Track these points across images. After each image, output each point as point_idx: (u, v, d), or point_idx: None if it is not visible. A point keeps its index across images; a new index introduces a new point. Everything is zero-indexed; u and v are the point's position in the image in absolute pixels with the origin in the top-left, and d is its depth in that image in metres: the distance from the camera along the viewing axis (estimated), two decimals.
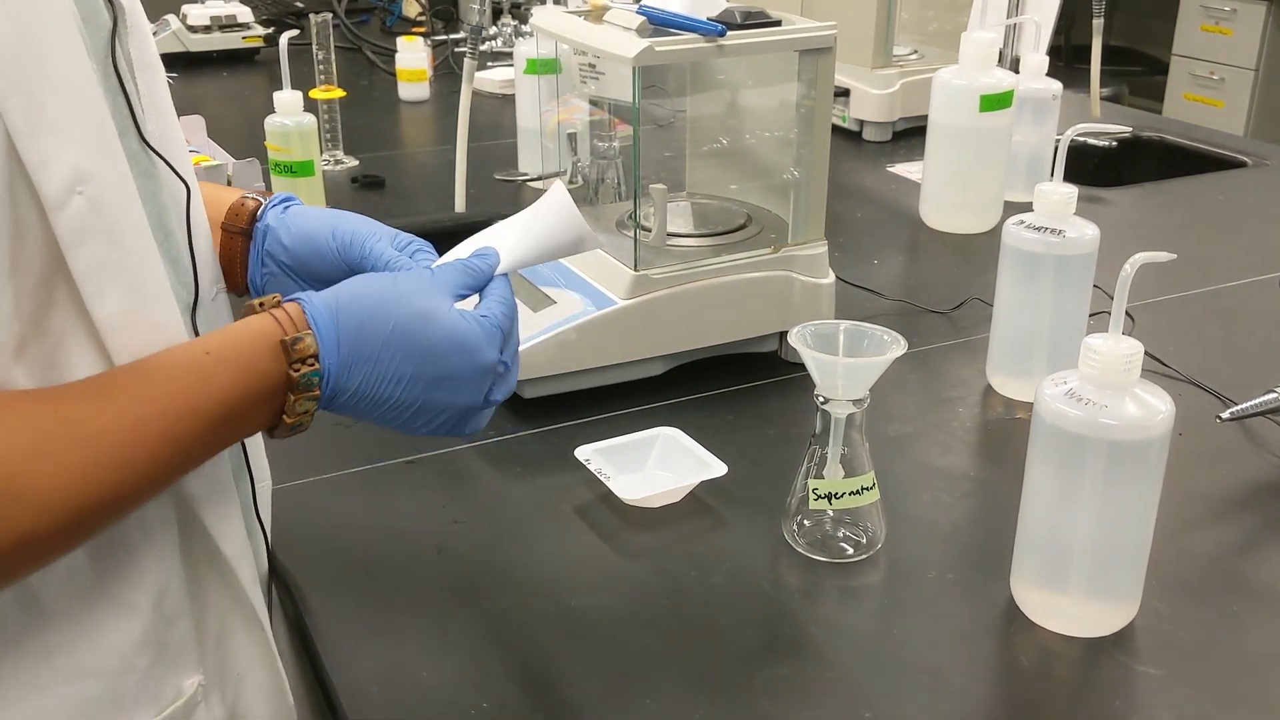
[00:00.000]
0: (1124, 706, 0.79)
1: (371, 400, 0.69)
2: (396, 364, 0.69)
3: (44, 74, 0.57)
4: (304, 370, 0.65)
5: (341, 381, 0.67)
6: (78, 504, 0.58)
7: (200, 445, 0.64)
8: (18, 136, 0.56)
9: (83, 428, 0.59)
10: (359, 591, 0.90)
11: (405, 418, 0.71)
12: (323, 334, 0.67)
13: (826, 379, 0.89)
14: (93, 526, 0.61)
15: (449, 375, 0.70)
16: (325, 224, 0.81)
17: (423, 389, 0.70)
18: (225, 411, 0.64)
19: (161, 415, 0.62)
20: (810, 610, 0.89)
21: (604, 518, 0.99)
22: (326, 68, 1.87)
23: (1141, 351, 0.79)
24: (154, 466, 0.62)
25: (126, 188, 0.63)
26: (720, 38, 1.08)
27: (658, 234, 1.20)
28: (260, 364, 0.65)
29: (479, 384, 0.72)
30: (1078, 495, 0.81)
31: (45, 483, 0.57)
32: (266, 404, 0.66)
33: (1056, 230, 1.08)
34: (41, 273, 0.59)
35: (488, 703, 0.79)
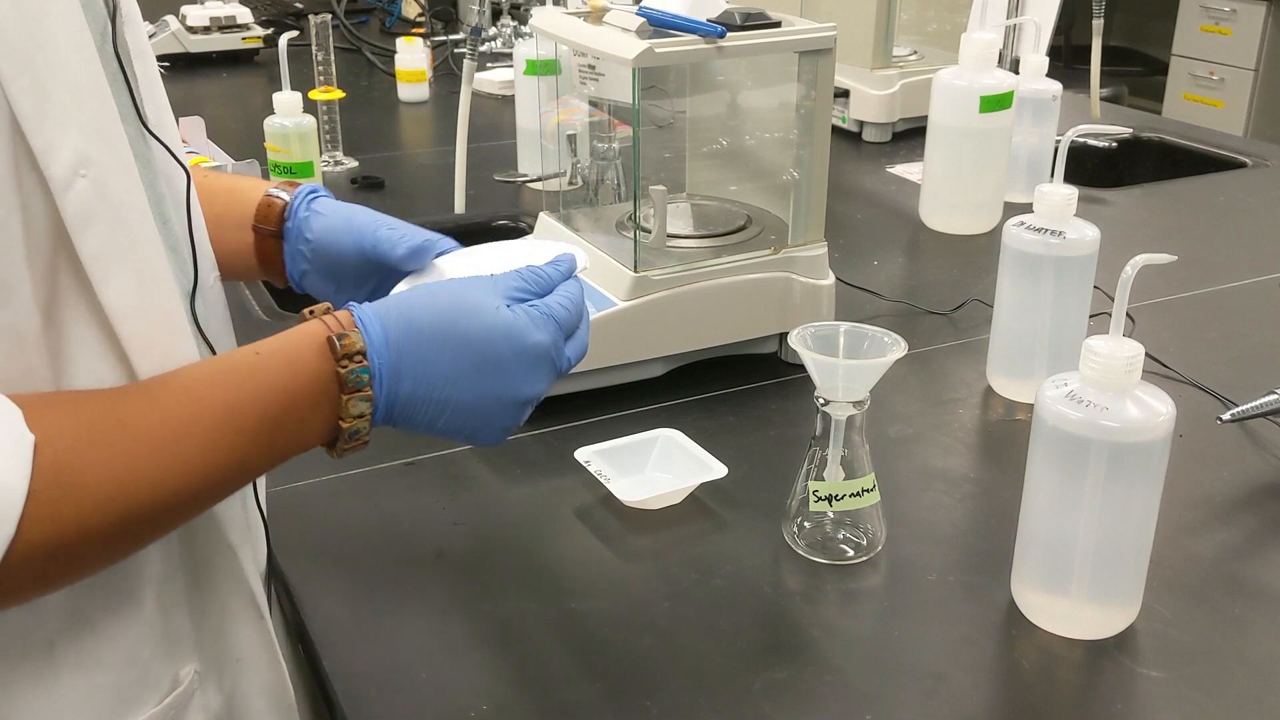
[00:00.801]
0: (1126, 709, 0.79)
1: (428, 402, 0.68)
2: (447, 358, 0.68)
3: (48, 57, 0.57)
4: (352, 367, 0.65)
5: (394, 383, 0.67)
6: (127, 500, 0.58)
7: (254, 447, 0.63)
8: (24, 119, 0.56)
9: (133, 423, 0.59)
10: (358, 594, 0.90)
11: (469, 422, 0.69)
12: (370, 332, 0.66)
13: (827, 381, 0.89)
14: (142, 527, 0.60)
15: (499, 365, 0.69)
16: (343, 216, 0.82)
17: (478, 384, 0.68)
18: (276, 411, 0.64)
19: (210, 413, 0.62)
20: (811, 613, 0.88)
21: (604, 520, 0.98)
22: (326, 69, 1.87)
23: (1143, 353, 0.79)
24: (206, 466, 0.61)
25: (129, 173, 0.63)
26: (720, 39, 1.08)
27: (657, 235, 1.20)
28: (309, 362, 0.65)
29: (534, 371, 0.70)
30: (1079, 497, 0.81)
31: (93, 474, 0.57)
32: (319, 405, 0.65)
33: (1057, 231, 1.08)
34: (49, 258, 0.59)
35: (487, 705, 0.79)
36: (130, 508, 0.58)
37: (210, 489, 0.63)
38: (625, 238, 1.20)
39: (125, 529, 0.59)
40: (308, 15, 1.95)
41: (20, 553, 0.54)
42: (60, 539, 0.56)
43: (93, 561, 0.60)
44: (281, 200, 0.85)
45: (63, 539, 0.56)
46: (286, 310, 1.40)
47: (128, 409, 0.60)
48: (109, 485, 0.57)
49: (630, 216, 1.20)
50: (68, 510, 0.56)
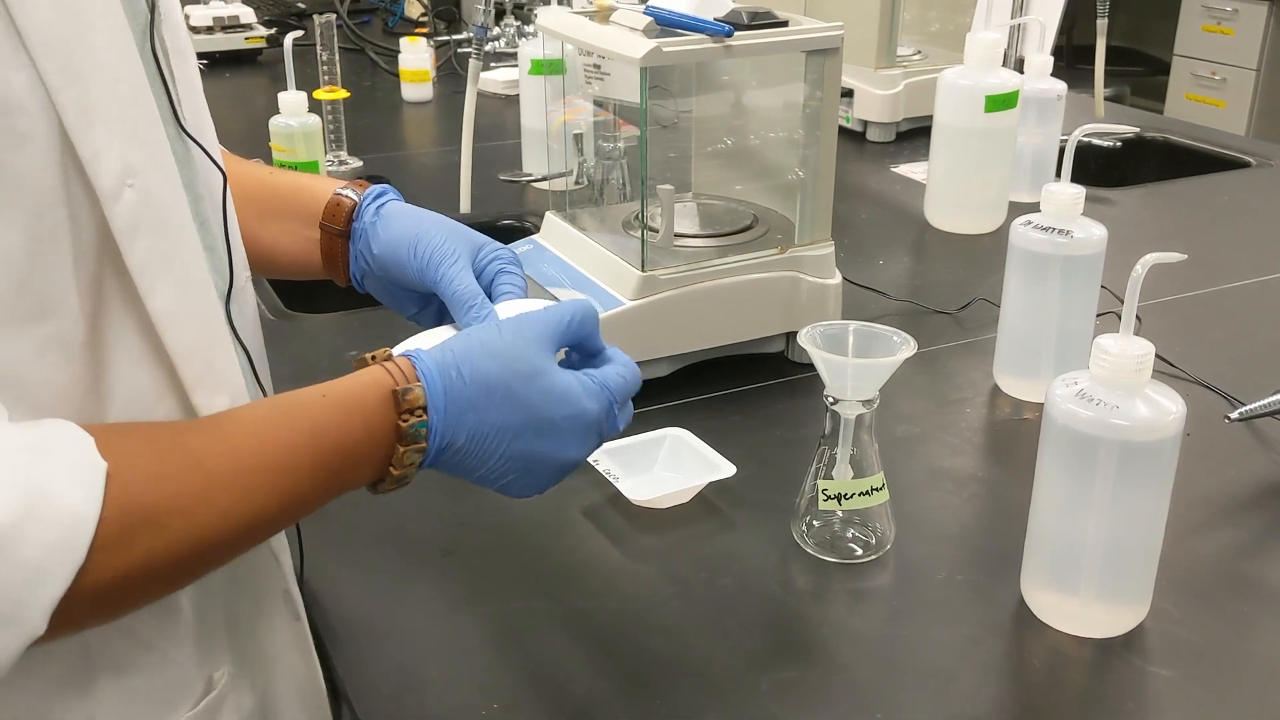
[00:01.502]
0: (1135, 708, 0.79)
1: (477, 456, 0.68)
2: (502, 416, 0.68)
3: (94, 65, 0.58)
4: (412, 421, 0.65)
5: (448, 436, 0.67)
6: (194, 531, 0.58)
7: (311, 485, 0.64)
8: (71, 129, 0.56)
9: (202, 458, 0.60)
10: (368, 594, 0.90)
11: (510, 476, 0.70)
12: (431, 387, 0.66)
13: (836, 380, 0.89)
14: (204, 559, 0.61)
15: (552, 428, 0.70)
16: (408, 238, 0.81)
17: (526, 443, 0.69)
18: (337, 452, 0.64)
19: (274, 451, 0.62)
20: (819, 612, 0.88)
21: (612, 519, 0.98)
22: (330, 68, 1.87)
23: (1153, 352, 0.79)
24: (269, 500, 0.62)
25: (171, 180, 0.63)
26: (728, 38, 1.08)
27: (664, 235, 1.20)
28: (372, 410, 0.65)
29: (583, 438, 0.71)
30: (1088, 496, 0.81)
31: (164, 506, 0.57)
32: (375, 451, 0.65)
33: (1064, 230, 1.08)
34: (95, 268, 0.59)
35: (497, 703, 0.79)
36: (197, 538, 0.59)
37: (268, 524, 0.63)
38: (632, 237, 1.20)
39: (190, 560, 0.59)
40: (311, 15, 1.95)
41: (89, 580, 0.54)
42: (129, 569, 0.56)
43: (155, 591, 0.60)
44: (350, 200, 0.85)
45: (131, 569, 0.56)
46: (293, 310, 1.40)
47: (198, 443, 0.61)
48: (178, 518, 0.58)
49: (637, 216, 1.20)
50: (138, 540, 0.56)
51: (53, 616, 0.53)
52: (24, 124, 0.54)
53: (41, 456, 0.54)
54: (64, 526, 0.53)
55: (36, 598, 0.52)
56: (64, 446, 0.55)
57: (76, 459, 0.54)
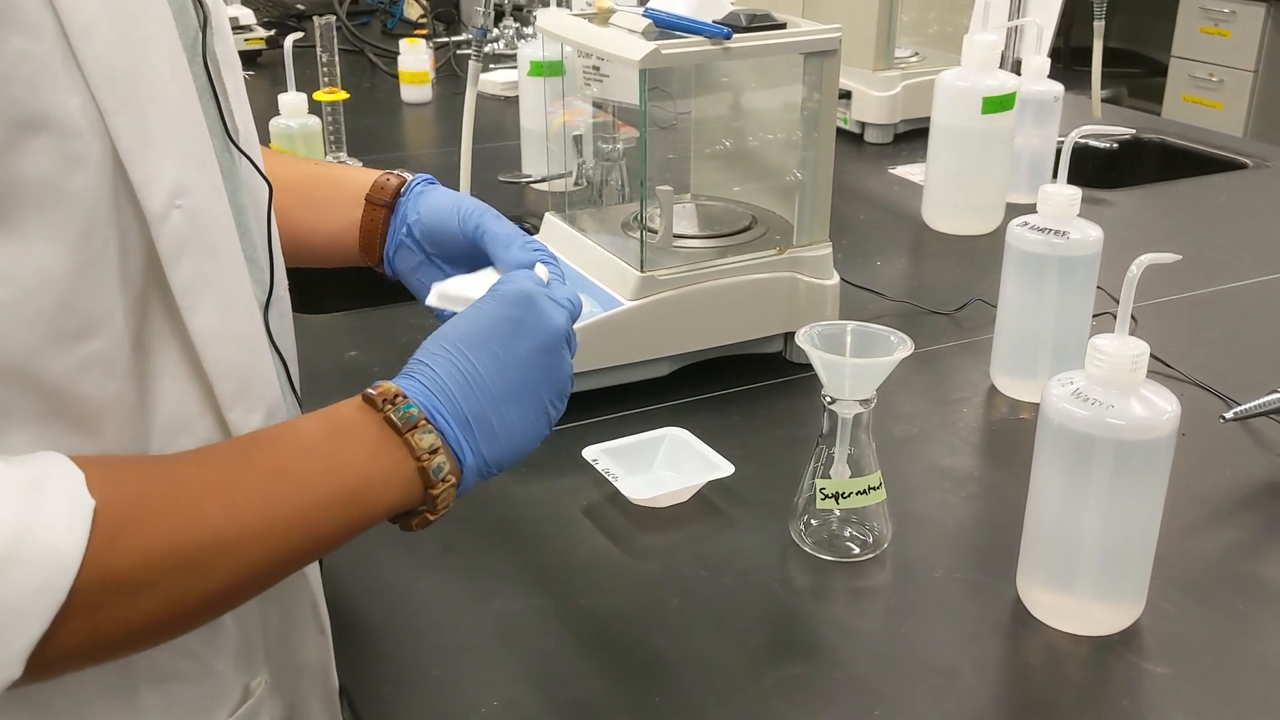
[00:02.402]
0: (1132, 705, 0.79)
1: (497, 398, 0.68)
2: (479, 353, 0.69)
3: (149, 87, 0.58)
4: (396, 406, 0.65)
5: (442, 397, 0.67)
6: (180, 550, 0.57)
7: (317, 508, 0.62)
8: (125, 153, 0.56)
9: (185, 478, 0.59)
10: (367, 592, 0.90)
11: (536, 392, 0.70)
12: (400, 380, 0.67)
13: (833, 379, 0.90)
14: (201, 586, 0.59)
15: (516, 324, 0.71)
16: (452, 202, 0.85)
17: (519, 344, 0.70)
18: (323, 459, 0.63)
19: (255, 464, 0.61)
20: (819, 610, 0.89)
21: (612, 518, 0.99)
22: (330, 70, 1.87)
23: (1148, 352, 0.80)
24: (263, 519, 0.60)
25: (219, 198, 0.63)
26: (726, 40, 1.08)
27: (663, 235, 1.20)
28: (348, 416, 0.65)
29: (537, 308, 0.72)
30: (1084, 495, 0.81)
31: (143, 527, 0.56)
32: (378, 454, 0.64)
33: (1061, 232, 1.08)
34: (141, 287, 0.60)
35: (498, 701, 0.79)
36: (182, 558, 0.57)
37: (275, 549, 0.61)
38: (631, 238, 1.21)
39: (174, 587, 0.57)
40: (310, 17, 1.95)
41: (69, 624, 0.52)
42: (105, 597, 0.54)
43: (147, 632, 0.58)
44: (400, 179, 0.88)
45: (107, 597, 0.54)
46: (296, 311, 1.40)
47: (180, 465, 0.61)
48: (156, 538, 0.56)
49: (636, 217, 1.20)
50: (116, 567, 0.54)
51: (30, 660, 0.52)
52: (78, 147, 0.55)
53: (31, 494, 0.53)
54: (49, 569, 0.52)
55: (13, 640, 0.51)
56: (54, 485, 0.54)
57: (66, 497, 0.53)
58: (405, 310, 1.38)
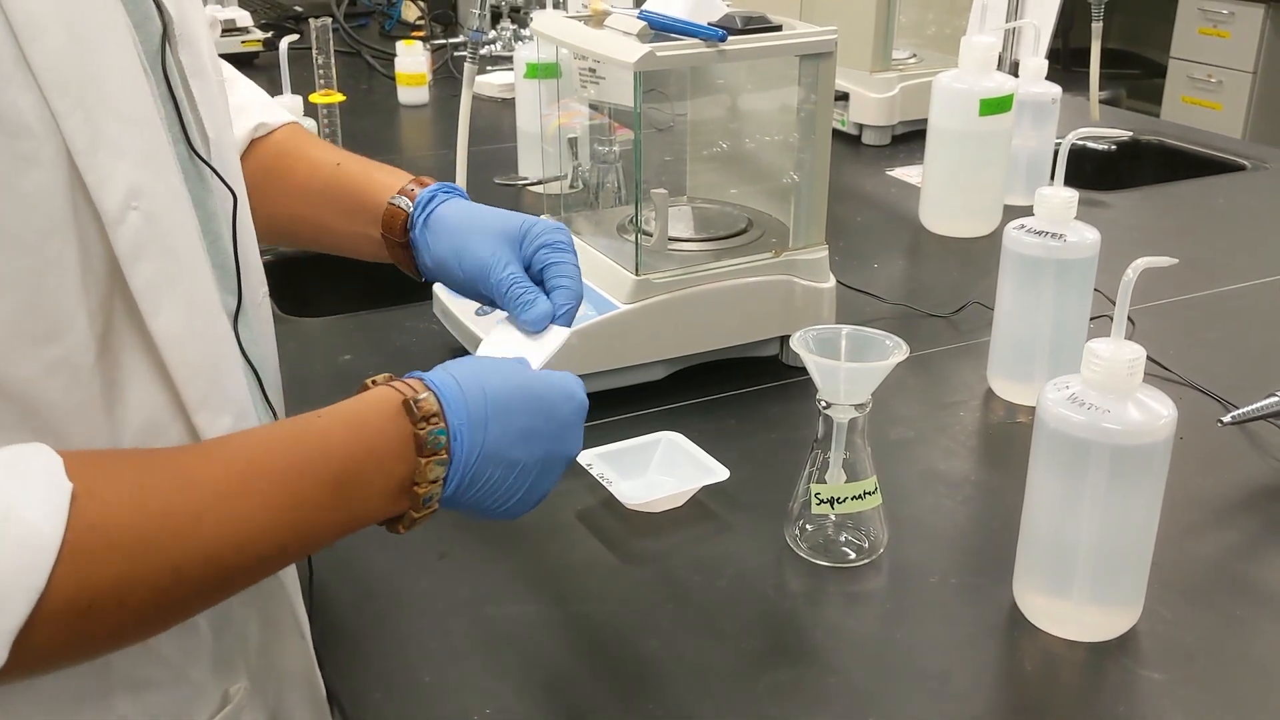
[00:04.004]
0: (1128, 711, 0.79)
1: (502, 463, 0.67)
2: (521, 417, 0.68)
3: (100, 89, 0.57)
4: (429, 427, 0.64)
5: (473, 441, 0.66)
6: (176, 556, 0.56)
7: (314, 511, 0.61)
8: (78, 155, 0.56)
9: (187, 480, 0.58)
10: (362, 597, 0.90)
11: (533, 485, 0.70)
12: (445, 395, 0.66)
13: (828, 384, 0.89)
14: (189, 590, 0.58)
15: (562, 422, 0.70)
16: (454, 250, 0.82)
17: (544, 438, 0.69)
18: (337, 474, 0.62)
19: (267, 473, 0.60)
20: (814, 615, 0.89)
21: (606, 522, 0.99)
22: (326, 72, 1.87)
23: (1144, 356, 0.79)
24: (262, 529, 0.59)
25: (179, 202, 0.63)
26: (721, 43, 1.08)
27: (659, 238, 1.20)
28: (378, 423, 0.64)
29: (580, 428, 0.72)
30: (1080, 499, 0.81)
31: (141, 529, 0.55)
32: (386, 469, 0.63)
33: (1057, 234, 1.08)
34: (104, 290, 0.59)
35: (490, 708, 0.79)
36: (178, 565, 0.56)
37: (267, 554, 0.61)
38: (627, 241, 1.21)
39: (171, 591, 0.57)
40: (307, 19, 1.95)
41: (50, 608, 0.51)
42: (94, 596, 0.53)
43: (130, 624, 0.57)
44: (403, 212, 0.85)
45: (97, 597, 0.53)
46: (288, 314, 1.40)
47: (182, 465, 0.59)
48: (158, 541, 0.55)
49: (631, 220, 1.20)
50: (109, 566, 0.54)
51: (14, 645, 0.51)
52: (29, 147, 0.54)
53: (6, 476, 0.52)
54: (25, 549, 0.51)
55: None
56: (30, 467, 0.53)
57: (41, 479, 0.53)
58: (400, 313, 1.38)
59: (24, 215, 0.54)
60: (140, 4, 0.63)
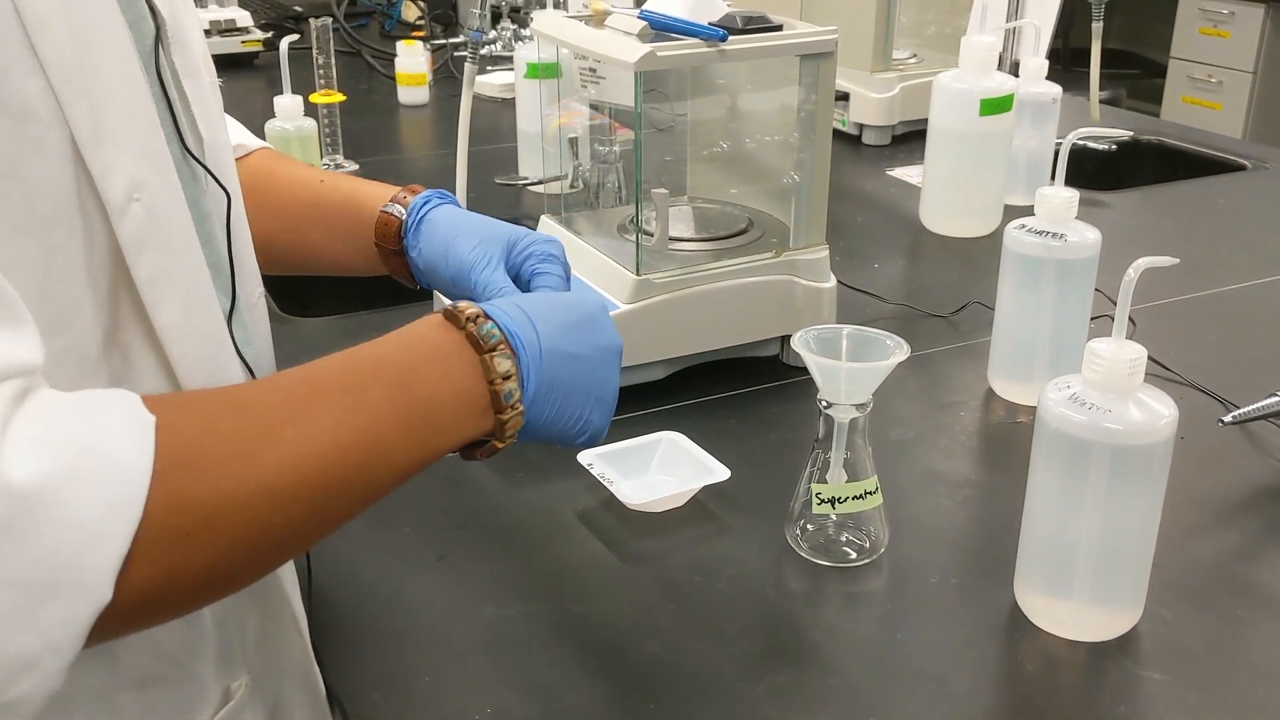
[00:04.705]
0: (1129, 711, 0.79)
1: (568, 357, 0.68)
2: (558, 316, 0.69)
3: (101, 82, 0.58)
4: (479, 324, 0.64)
5: (529, 335, 0.67)
6: (254, 475, 0.55)
7: (388, 425, 0.61)
8: (83, 145, 0.57)
9: (250, 405, 0.58)
10: (362, 598, 0.90)
11: (600, 380, 0.71)
12: (482, 305, 0.67)
13: (829, 383, 0.89)
14: (274, 515, 0.57)
15: (591, 315, 0.72)
16: (441, 251, 0.82)
17: (589, 335, 0.71)
18: (402, 379, 0.62)
19: (329, 390, 0.60)
20: (814, 616, 0.88)
21: (606, 523, 0.98)
22: (326, 72, 1.87)
23: (1145, 356, 0.79)
24: (337, 445, 0.58)
25: (176, 197, 0.64)
26: (722, 43, 1.08)
27: (659, 238, 1.20)
28: (428, 334, 0.65)
29: (608, 319, 0.74)
30: (1081, 500, 0.81)
31: (216, 453, 0.55)
32: (453, 372, 0.63)
33: (1058, 234, 1.08)
34: (110, 282, 0.60)
35: (490, 708, 0.79)
36: (259, 484, 0.55)
37: (351, 474, 0.59)
38: (627, 241, 1.20)
39: (262, 515, 0.56)
40: (307, 19, 1.95)
41: (148, 539, 0.51)
42: (190, 521, 0.53)
43: (225, 554, 0.55)
44: (396, 219, 0.85)
45: (192, 521, 0.53)
46: (288, 314, 1.40)
47: (243, 393, 0.60)
48: (233, 462, 0.55)
49: (632, 219, 1.20)
50: (194, 489, 0.53)
51: (118, 583, 0.50)
52: (36, 131, 0.55)
53: (87, 414, 0.52)
54: (118, 481, 0.50)
55: (97, 559, 0.50)
56: (109, 404, 0.53)
57: (124, 413, 0.53)
58: (400, 313, 1.37)
59: (30, 201, 0.55)
60: (134, 4, 0.64)
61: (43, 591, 0.48)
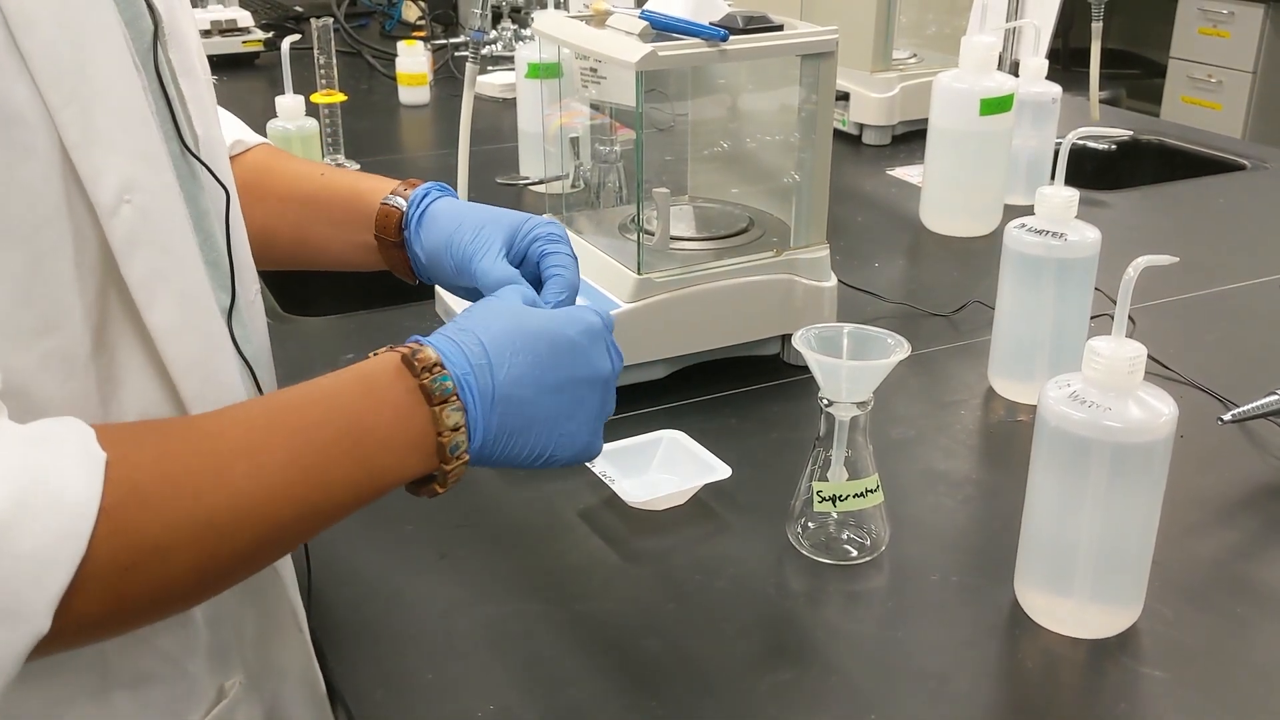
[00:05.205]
0: (1129, 709, 0.79)
1: (521, 401, 0.67)
2: (524, 353, 0.68)
3: (92, 83, 0.58)
4: (432, 376, 0.64)
5: (483, 383, 0.66)
6: (204, 513, 0.56)
7: (337, 467, 0.62)
8: (72, 149, 0.57)
9: (204, 440, 0.59)
10: (364, 596, 0.90)
11: (565, 418, 0.70)
12: (441, 348, 0.66)
13: (830, 382, 0.89)
14: (221, 550, 0.58)
15: (571, 347, 0.70)
16: (444, 241, 0.81)
17: (563, 370, 0.69)
18: (352, 427, 0.62)
19: (283, 429, 0.61)
20: (815, 614, 0.89)
21: (608, 521, 0.99)
22: (328, 72, 1.87)
23: (1145, 354, 0.79)
24: (287, 484, 0.60)
25: (171, 196, 0.64)
26: (723, 42, 1.08)
27: (660, 237, 1.20)
28: (384, 379, 0.64)
29: (602, 347, 0.72)
30: (1081, 498, 0.81)
31: (168, 488, 0.56)
32: (404, 421, 0.64)
33: (1058, 234, 1.08)
34: (99, 283, 0.60)
35: (493, 705, 0.79)
36: (211, 522, 0.57)
37: (297, 511, 0.61)
38: (628, 240, 1.21)
39: (209, 549, 0.57)
40: (308, 19, 1.95)
41: (91, 572, 0.52)
42: (135, 555, 0.54)
43: (171, 586, 0.57)
44: (398, 210, 0.85)
45: (138, 556, 0.54)
46: (289, 313, 1.40)
47: (198, 428, 0.60)
48: (183, 498, 0.56)
49: (633, 219, 1.20)
50: (141, 523, 0.54)
51: (57, 613, 0.51)
52: (24, 136, 0.55)
53: (39, 448, 0.53)
54: (64, 515, 0.51)
55: (39, 591, 0.50)
56: (62, 438, 0.54)
57: (75, 448, 0.53)
58: (401, 313, 1.38)
59: (19, 205, 0.55)
60: (132, 3, 0.63)
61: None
